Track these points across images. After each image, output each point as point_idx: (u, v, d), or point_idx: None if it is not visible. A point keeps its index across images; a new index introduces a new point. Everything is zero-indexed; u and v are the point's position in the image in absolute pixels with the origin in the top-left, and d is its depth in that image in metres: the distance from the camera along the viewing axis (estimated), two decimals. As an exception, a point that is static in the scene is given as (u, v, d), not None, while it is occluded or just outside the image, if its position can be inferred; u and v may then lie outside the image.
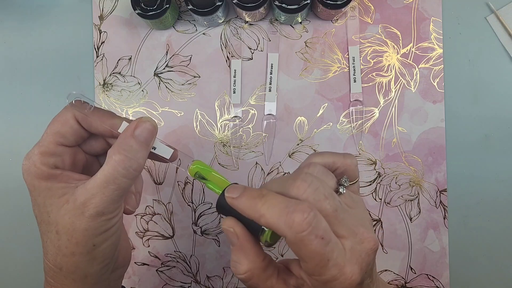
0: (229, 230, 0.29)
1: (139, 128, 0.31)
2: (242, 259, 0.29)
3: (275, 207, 0.27)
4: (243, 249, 0.29)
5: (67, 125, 0.33)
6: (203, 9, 0.47)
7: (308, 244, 0.26)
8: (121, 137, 0.31)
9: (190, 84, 0.51)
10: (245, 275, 0.29)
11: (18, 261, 0.53)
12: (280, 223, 0.26)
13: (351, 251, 0.28)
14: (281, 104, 0.51)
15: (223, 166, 0.51)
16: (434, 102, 0.50)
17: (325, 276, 0.27)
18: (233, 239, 0.29)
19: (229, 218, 0.30)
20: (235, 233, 0.29)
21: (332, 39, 0.51)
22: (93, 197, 0.30)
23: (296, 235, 0.26)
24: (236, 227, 0.29)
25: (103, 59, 0.52)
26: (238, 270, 0.29)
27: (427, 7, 0.51)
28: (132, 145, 0.31)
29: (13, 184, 0.52)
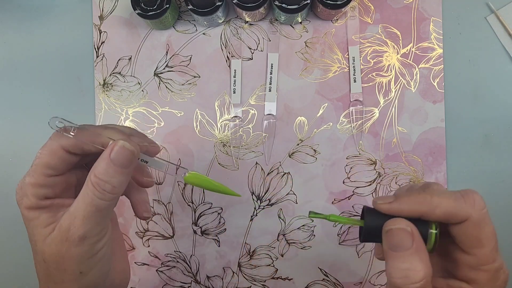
0: (405, 229, 0.26)
1: (114, 152, 0.31)
2: (418, 264, 0.25)
3: (448, 194, 0.27)
4: (418, 252, 0.25)
5: (56, 157, 0.32)
6: (203, 9, 0.47)
7: (489, 223, 0.27)
8: (99, 159, 0.31)
9: (190, 84, 0.51)
10: (421, 284, 0.25)
11: (18, 261, 0.53)
12: (461, 205, 0.26)
13: None
14: (281, 104, 0.51)
15: (223, 166, 0.51)
16: (434, 102, 0.50)
17: (497, 262, 0.27)
18: (407, 241, 0.26)
19: (398, 219, 0.27)
20: (411, 234, 0.26)
21: (332, 39, 0.51)
22: (75, 220, 0.30)
23: (480, 213, 0.26)
24: (413, 227, 0.26)
25: (103, 59, 0.52)
26: (413, 278, 0.25)
27: (427, 7, 0.51)
28: (107, 168, 0.30)
29: (13, 184, 0.52)
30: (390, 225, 0.27)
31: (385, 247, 0.26)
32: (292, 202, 0.51)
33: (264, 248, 0.51)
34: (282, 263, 0.51)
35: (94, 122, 0.52)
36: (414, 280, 0.25)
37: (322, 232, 0.51)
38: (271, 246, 0.51)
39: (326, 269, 0.51)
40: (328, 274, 0.51)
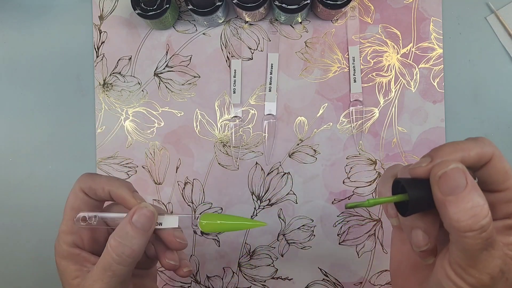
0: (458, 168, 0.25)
1: (137, 214, 0.32)
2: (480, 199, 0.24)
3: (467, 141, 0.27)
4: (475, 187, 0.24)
5: (78, 198, 0.34)
6: (203, 9, 0.47)
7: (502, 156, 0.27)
8: (120, 223, 0.32)
9: (190, 84, 0.51)
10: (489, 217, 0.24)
11: (18, 261, 0.53)
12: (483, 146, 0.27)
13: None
14: (281, 104, 0.51)
15: (223, 166, 0.51)
16: (434, 102, 0.50)
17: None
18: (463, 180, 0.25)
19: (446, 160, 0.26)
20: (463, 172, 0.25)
21: (332, 39, 0.51)
22: (94, 284, 0.31)
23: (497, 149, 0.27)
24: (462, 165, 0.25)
25: (103, 59, 0.52)
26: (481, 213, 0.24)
27: (427, 7, 0.51)
28: (128, 231, 0.31)
29: (13, 184, 0.52)
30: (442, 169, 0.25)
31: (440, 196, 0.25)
32: (292, 202, 0.51)
33: (264, 248, 0.51)
34: (282, 263, 0.51)
35: (94, 122, 0.52)
36: (483, 215, 0.24)
37: (322, 232, 0.51)
38: (271, 246, 0.51)
39: (326, 269, 0.51)
40: (328, 274, 0.51)
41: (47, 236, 0.52)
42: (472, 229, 0.24)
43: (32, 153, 0.52)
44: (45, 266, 0.52)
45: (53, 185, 0.52)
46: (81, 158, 0.52)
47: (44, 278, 0.53)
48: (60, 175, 0.52)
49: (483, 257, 0.25)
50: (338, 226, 0.51)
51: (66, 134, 0.52)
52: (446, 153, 0.26)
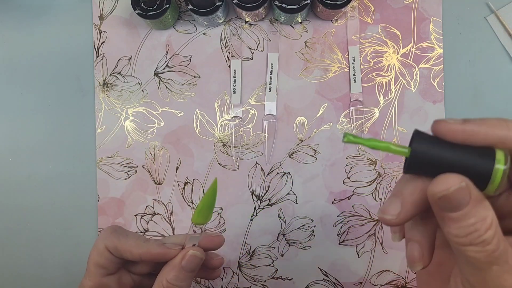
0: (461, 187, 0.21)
1: (186, 260, 0.34)
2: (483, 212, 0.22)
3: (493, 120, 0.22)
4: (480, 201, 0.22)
5: (103, 256, 0.35)
6: (203, 9, 0.47)
7: None
8: (170, 265, 0.34)
9: (190, 84, 0.51)
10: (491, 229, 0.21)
11: (18, 261, 0.53)
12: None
13: None
14: (281, 104, 0.51)
15: (223, 166, 0.51)
16: (434, 102, 0.50)
17: None
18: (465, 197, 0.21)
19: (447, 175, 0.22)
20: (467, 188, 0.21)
21: (332, 39, 0.51)
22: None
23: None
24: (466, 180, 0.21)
25: (103, 59, 0.52)
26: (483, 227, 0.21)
27: (427, 7, 0.51)
28: (178, 275, 0.33)
29: (13, 184, 0.52)
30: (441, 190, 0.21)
31: (439, 212, 0.22)
32: (292, 202, 0.51)
33: (264, 248, 0.51)
34: (282, 263, 0.51)
35: (94, 122, 0.52)
36: (485, 228, 0.21)
37: (322, 232, 0.51)
38: (271, 246, 0.51)
39: (326, 269, 0.51)
40: (328, 274, 0.51)
41: (47, 236, 0.52)
42: (472, 244, 0.22)
43: (32, 153, 0.52)
44: (45, 266, 0.52)
45: (53, 185, 0.52)
46: (81, 158, 0.52)
47: (44, 278, 0.53)
48: (60, 175, 0.52)
49: (495, 273, 0.22)
50: (338, 226, 0.51)
51: (66, 134, 0.52)
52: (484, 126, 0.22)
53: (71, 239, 0.52)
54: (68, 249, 0.52)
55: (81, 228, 0.52)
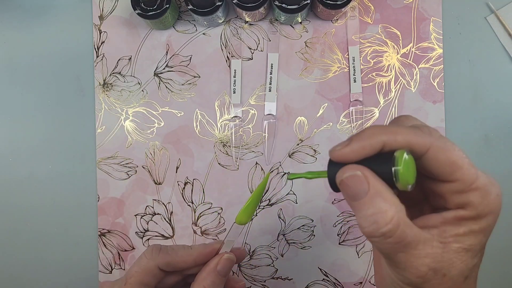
0: (356, 175, 0.24)
1: (221, 264, 0.36)
2: (382, 204, 0.23)
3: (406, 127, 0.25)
4: (379, 194, 0.24)
5: (151, 275, 0.36)
6: (203, 9, 0.47)
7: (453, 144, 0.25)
8: (205, 271, 0.35)
9: (190, 84, 0.51)
10: (392, 222, 0.23)
11: (17, 261, 0.53)
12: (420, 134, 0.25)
13: None
14: (281, 104, 0.51)
15: (223, 166, 0.51)
16: (434, 102, 0.50)
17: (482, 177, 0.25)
18: (363, 187, 0.24)
19: (347, 167, 0.24)
20: (364, 178, 0.24)
21: (332, 39, 0.51)
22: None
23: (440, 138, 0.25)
24: (364, 170, 0.24)
25: (103, 59, 0.52)
26: (382, 220, 0.23)
27: (427, 7, 0.51)
28: (215, 280, 0.35)
29: (13, 184, 0.52)
30: (339, 176, 0.24)
31: (347, 200, 0.25)
32: (292, 202, 0.51)
33: (264, 248, 0.51)
34: (282, 263, 0.51)
35: (94, 122, 0.52)
36: (384, 222, 0.23)
37: (322, 232, 0.51)
38: (271, 246, 0.51)
39: (326, 269, 0.51)
40: (328, 274, 0.51)
41: (47, 236, 0.52)
42: (374, 236, 0.24)
43: (32, 153, 0.52)
44: (45, 266, 0.52)
45: (53, 185, 0.52)
46: (81, 158, 0.52)
47: (44, 278, 0.53)
48: (60, 175, 0.52)
49: (401, 259, 0.24)
50: (338, 226, 0.51)
51: (66, 134, 0.52)
52: (365, 136, 0.24)
53: (71, 239, 0.52)
54: (68, 249, 0.52)
55: (81, 228, 0.52)
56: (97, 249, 0.52)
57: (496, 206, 0.26)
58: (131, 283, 0.36)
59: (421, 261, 0.24)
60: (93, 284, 0.52)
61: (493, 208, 0.26)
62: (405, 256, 0.24)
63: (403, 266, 0.25)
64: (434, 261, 0.25)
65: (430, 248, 0.25)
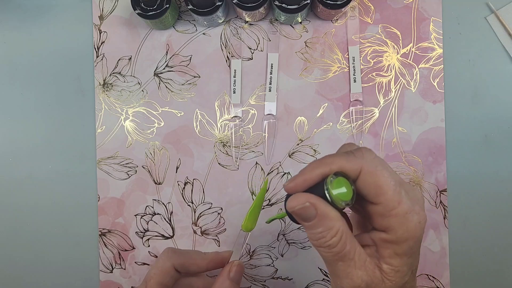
0: (304, 206, 0.28)
1: (233, 272, 0.38)
2: (328, 223, 0.28)
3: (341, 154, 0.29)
4: (325, 215, 0.28)
5: (168, 275, 0.39)
6: (203, 9, 0.47)
7: (383, 169, 0.28)
8: (220, 281, 0.38)
9: (190, 84, 0.51)
10: (337, 236, 0.28)
11: (18, 261, 0.53)
12: (352, 160, 0.28)
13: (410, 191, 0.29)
14: (281, 104, 0.51)
15: (223, 166, 0.51)
16: (434, 102, 0.50)
17: (403, 205, 0.28)
18: (311, 212, 0.28)
19: (295, 196, 0.29)
20: (311, 205, 0.28)
21: (332, 39, 0.51)
22: None
23: (371, 162, 0.28)
24: (311, 198, 0.28)
25: (103, 59, 0.52)
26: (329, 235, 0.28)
27: (427, 7, 0.51)
28: (228, 286, 0.38)
29: (13, 184, 0.52)
30: (290, 207, 0.29)
31: (299, 221, 0.29)
32: (292, 202, 0.51)
33: (264, 248, 0.51)
34: (282, 263, 0.51)
35: (94, 122, 0.52)
36: (331, 236, 0.28)
37: (322, 232, 0.51)
38: (271, 246, 0.51)
39: (326, 269, 0.51)
40: (328, 274, 0.51)
41: (47, 236, 0.52)
42: (321, 246, 0.29)
43: (32, 153, 0.52)
44: (46, 266, 0.52)
45: (53, 185, 0.52)
46: (81, 158, 0.52)
47: (44, 278, 0.53)
48: (60, 175, 0.52)
49: (340, 267, 0.29)
50: (338, 226, 0.51)
51: (66, 134, 0.52)
52: (306, 171, 0.29)
53: (72, 239, 0.52)
54: (69, 249, 0.52)
55: (81, 228, 0.52)
56: (97, 248, 0.52)
57: (415, 233, 0.28)
58: (152, 285, 0.38)
59: (356, 273, 0.29)
60: (94, 284, 0.52)
61: (412, 234, 0.28)
62: (343, 266, 0.29)
63: (342, 275, 0.29)
64: (367, 275, 0.29)
65: (363, 262, 0.29)
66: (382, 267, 0.29)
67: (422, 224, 0.28)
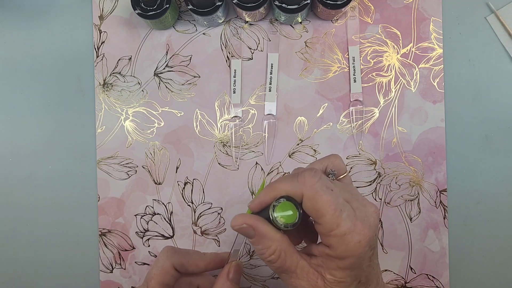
0: (242, 227, 0.32)
1: (232, 272, 0.39)
2: (266, 242, 0.32)
3: (287, 179, 0.33)
4: (263, 235, 0.32)
5: (169, 275, 0.39)
6: (203, 9, 0.47)
7: (322, 194, 0.31)
8: (219, 282, 0.39)
9: (190, 84, 0.51)
10: (275, 254, 0.32)
11: (18, 261, 0.53)
12: (295, 186, 0.31)
13: (358, 210, 0.32)
14: (281, 104, 0.51)
15: (223, 166, 0.51)
16: (434, 102, 0.50)
17: (341, 227, 0.30)
18: (250, 232, 0.32)
19: (236, 217, 0.33)
20: (249, 226, 0.32)
21: (332, 39, 0.51)
22: None
23: (310, 188, 0.31)
24: (248, 220, 0.32)
25: (103, 59, 0.52)
26: (267, 253, 0.32)
27: (427, 7, 0.51)
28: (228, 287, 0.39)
29: (13, 184, 0.52)
30: (232, 226, 0.33)
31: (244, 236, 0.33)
32: (292, 202, 0.51)
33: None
34: (282, 263, 0.51)
35: (94, 122, 0.52)
36: (269, 254, 0.32)
37: (322, 232, 0.51)
38: (271, 246, 0.51)
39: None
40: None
41: (47, 236, 0.52)
42: (264, 260, 0.33)
43: (32, 153, 0.52)
44: (46, 266, 0.52)
45: (53, 185, 0.52)
46: (81, 158, 0.52)
47: (44, 278, 0.53)
48: (60, 175, 0.52)
49: (284, 277, 0.33)
50: (338, 226, 0.51)
51: (66, 134, 0.52)
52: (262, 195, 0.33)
53: (72, 239, 0.52)
54: (69, 249, 0.52)
55: (81, 228, 0.52)
56: (97, 248, 0.52)
57: (355, 251, 0.31)
58: (153, 285, 0.38)
59: (299, 283, 0.32)
60: (94, 284, 0.52)
61: (351, 253, 0.31)
62: (286, 277, 0.33)
63: (287, 283, 0.33)
64: (309, 285, 0.32)
65: (306, 274, 0.32)
66: (326, 277, 0.32)
67: (362, 243, 0.31)
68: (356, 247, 0.30)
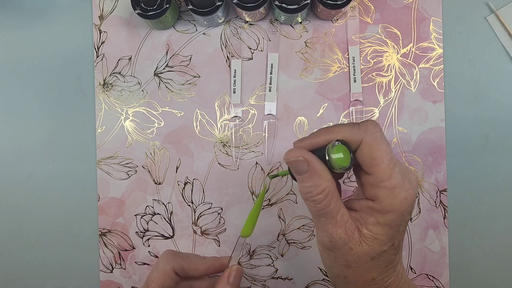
0: (297, 159, 0.31)
1: (232, 276, 0.39)
2: (317, 180, 0.31)
3: (347, 124, 0.32)
4: (316, 172, 0.31)
5: (169, 278, 0.39)
6: (203, 9, 0.47)
7: (381, 143, 0.31)
8: (219, 286, 0.39)
9: (190, 84, 0.51)
10: (323, 194, 0.31)
11: (18, 261, 0.53)
12: (356, 131, 0.31)
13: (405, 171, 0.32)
14: (281, 104, 0.51)
15: (223, 166, 0.51)
16: (434, 102, 0.50)
17: (393, 180, 0.30)
18: (303, 167, 0.31)
19: (291, 150, 0.32)
20: (305, 161, 0.31)
21: (332, 39, 0.51)
22: None
23: (372, 135, 0.31)
24: (305, 154, 0.31)
25: (103, 59, 0.52)
26: (316, 191, 0.31)
27: (427, 7, 0.51)
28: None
29: (13, 184, 0.52)
30: (286, 158, 0.32)
31: (293, 173, 0.32)
32: (292, 202, 0.51)
33: (264, 248, 0.51)
34: (282, 263, 0.51)
35: (94, 122, 0.52)
36: (317, 192, 0.31)
37: (322, 232, 0.51)
38: (271, 246, 0.51)
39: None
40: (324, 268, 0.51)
41: (47, 236, 0.52)
42: (308, 199, 0.32)
43: (32, 153, 0.52)
44: (46, 266, 0.52)
45: (53, 185, 0.52)
46: (81, 158, 0.52)
47: (44, 278, 0.53)
48: (60, 175, 0.52)
49: (322, 222, 0.32)
50: (338, 226, 0.51)
51: (66, 134, 0.52)
52: (314, 135, 0.33)
53: (72, 239, 0.52)
54: (69, 248, 0.52)
55: (81, 228, 0.52)
56: (97, 248, 0.52)
57: (400, 207, 0.30)
58: (150, 285, 0.38)
59: (335, 230, 0.32)
60: (94, 284, 0.52)
61: (396, 208, 0.30)
62: (325, 221, 0.32)
63: (323, 229, 0.32)
64: (345, 234, 0.31)
65: (344, 223, 0.32)
66: (362, 231, 0.31)
67: (408, 201, 0.30)
68: (401, 203, 0.30)
